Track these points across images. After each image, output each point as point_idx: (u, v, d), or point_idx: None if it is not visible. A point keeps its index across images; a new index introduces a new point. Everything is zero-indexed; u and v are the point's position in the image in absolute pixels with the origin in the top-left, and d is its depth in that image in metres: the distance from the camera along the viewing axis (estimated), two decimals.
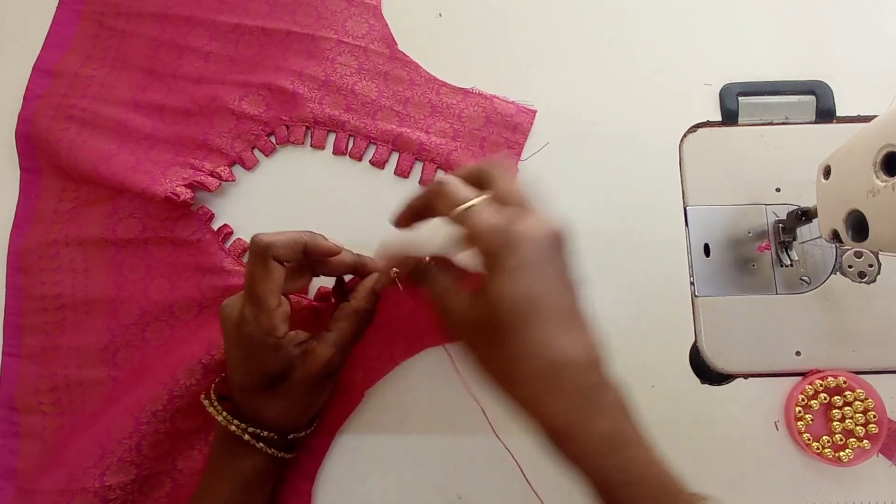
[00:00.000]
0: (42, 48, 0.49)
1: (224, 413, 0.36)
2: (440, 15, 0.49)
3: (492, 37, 0.48)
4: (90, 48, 0.49)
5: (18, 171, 0.47)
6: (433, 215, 0.34)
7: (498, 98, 0.47)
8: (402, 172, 0.46)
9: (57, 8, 0.50)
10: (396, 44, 0.48)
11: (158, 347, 0.43)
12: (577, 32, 0.48)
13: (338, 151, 0.46)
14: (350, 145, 0.46)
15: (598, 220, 0.45)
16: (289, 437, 0.38)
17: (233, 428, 0.36)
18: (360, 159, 0.46)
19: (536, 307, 0.28)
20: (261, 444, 0.36)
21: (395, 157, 0.46)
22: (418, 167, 0.46)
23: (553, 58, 0.47)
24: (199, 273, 0.43)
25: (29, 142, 0.47)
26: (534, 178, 0.45)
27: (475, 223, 0.29)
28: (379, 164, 0.46)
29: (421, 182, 0.46)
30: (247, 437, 0.36)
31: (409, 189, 0.46)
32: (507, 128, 0.46)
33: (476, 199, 0.30)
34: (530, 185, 0.33)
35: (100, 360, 0.43)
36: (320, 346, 0.36)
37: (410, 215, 0.36)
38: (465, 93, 0.47)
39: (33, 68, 0.48)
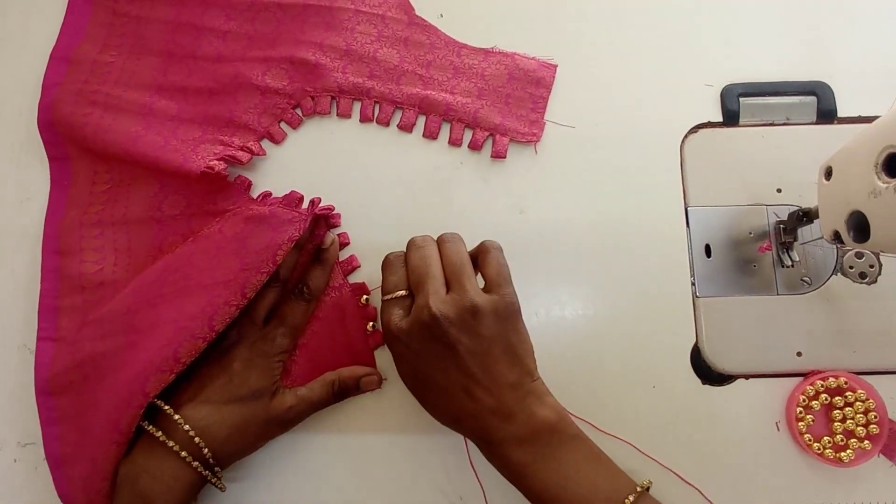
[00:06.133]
0: (58, 38, 0.48)
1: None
2: (441, 16, 0.49)
3: (491, 39, 0.48)
4: (106, 36, 0.48)
5: (46, 165, 0.46)
6: None
7: (519, 55, 0.47)
8: (430, 134, 0.46)
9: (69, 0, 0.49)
10: (413, 9, 0.48)
11: (174, 299, 0.41)
12: (579, 33, 0.48)
13: (364, 119, 0.47)
14: (376, 112, 0.47)
15: (598, 221, 0.45)
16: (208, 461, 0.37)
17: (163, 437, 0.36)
18: (387, 125, 0.47)
19: (420, 387, 0.38)
20: (184, 452, 0.36)
21: (421, 120, 0.46)
22: (446, 128, 0.46)
23: (555, 59, 0.47)
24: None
25: (52, 129, 0.46)
26: (535, 178, 0.46)
27: (381, 316, 0.38)
28: (407, 128, 0.46)
29: (450, 142, 0.46)
30: (172, 443, 0.36)
31: (438, 151, 0.46)
32: (530, 83, 0.47)
33: (392, 295, 0.37)
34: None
35: (121, 327, 0.42)
36: (287, 393, 0.40)
37: None
38: (486, 52, 0.47)
39: (50, 57, 0.47)
